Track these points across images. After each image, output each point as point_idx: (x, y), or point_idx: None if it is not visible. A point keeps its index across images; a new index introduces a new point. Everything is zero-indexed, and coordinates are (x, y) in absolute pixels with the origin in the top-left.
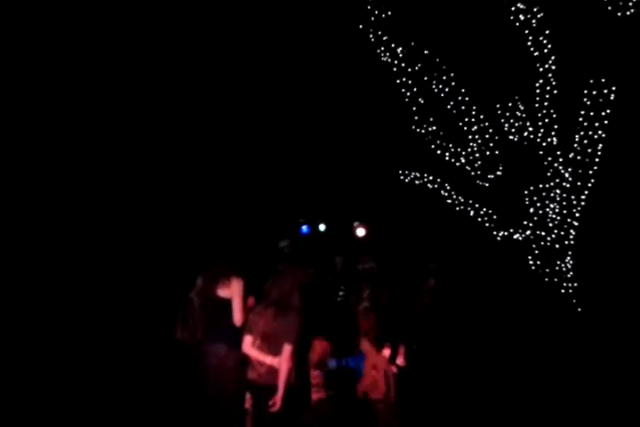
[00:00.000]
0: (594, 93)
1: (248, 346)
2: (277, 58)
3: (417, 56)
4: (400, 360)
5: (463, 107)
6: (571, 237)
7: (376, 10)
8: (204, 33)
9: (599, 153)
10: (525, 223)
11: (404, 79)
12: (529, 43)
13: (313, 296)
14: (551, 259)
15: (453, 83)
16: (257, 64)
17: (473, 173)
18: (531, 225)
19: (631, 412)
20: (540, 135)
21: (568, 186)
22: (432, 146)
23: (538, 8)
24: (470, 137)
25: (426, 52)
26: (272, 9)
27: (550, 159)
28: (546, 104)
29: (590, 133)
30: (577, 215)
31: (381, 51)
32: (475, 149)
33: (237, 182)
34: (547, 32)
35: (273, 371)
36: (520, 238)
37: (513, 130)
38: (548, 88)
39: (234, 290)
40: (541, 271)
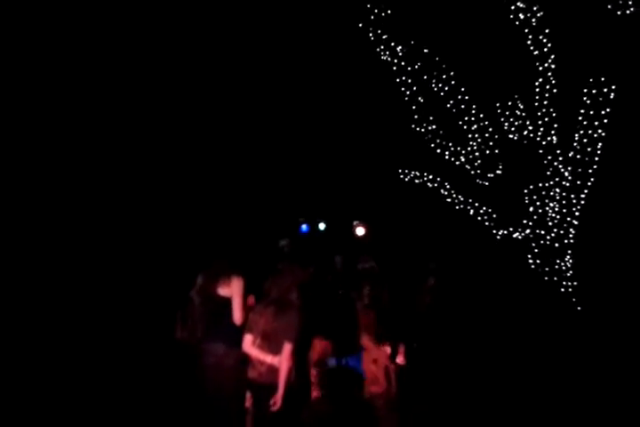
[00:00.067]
0: (593, 92)
1: (248, 345)
2: (277, 58)
3: (417, 55)
4: (400, 359)
5: (463, 106)
6: (570, 235)
7: (376, 9)
8: (204, 33)
9: (599, 152)
10: (525, 222)
11: (404, 78)
12: (529, 42)
13: (313, 295)
14: (551, 257)
15: (453, 82)
16: (257, 64)
17: (473, 172)
18: (530, 224)
19: (631, 411)
20: (540, 134)
21: (568, 185)
22: (432, 145)
23: (538, 7)
24: (470, 136)
25: (426, 51)
26: (272, 9)
27: (550, 158)
28: (545, 103)
29: (590, 132)
30: (576, 214)
31: (381, 50)
32: (474, 148)
33: (237, 182)
34: (546, 31)
35: (273, 370)
36: (520, 237)
37: (513, 129)
38: (548, 87)
39: (234, 289)
40: (541, 270)
